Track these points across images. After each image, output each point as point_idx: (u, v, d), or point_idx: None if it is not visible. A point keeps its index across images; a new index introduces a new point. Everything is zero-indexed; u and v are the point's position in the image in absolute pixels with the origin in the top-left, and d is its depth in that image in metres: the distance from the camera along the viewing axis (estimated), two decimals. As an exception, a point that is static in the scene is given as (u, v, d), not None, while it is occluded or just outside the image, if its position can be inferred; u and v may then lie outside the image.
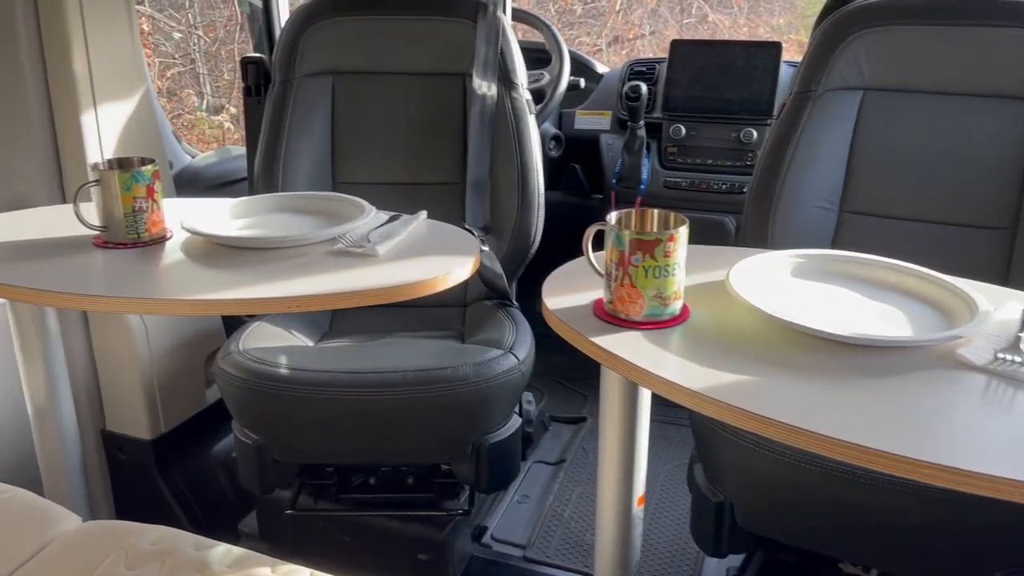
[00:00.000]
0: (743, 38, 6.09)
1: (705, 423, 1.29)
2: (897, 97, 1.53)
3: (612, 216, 0.96)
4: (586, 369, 2.51)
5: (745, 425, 0.79)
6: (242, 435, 1.50)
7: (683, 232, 0.93)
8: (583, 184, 2.37)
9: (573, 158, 2.35)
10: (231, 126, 5.89)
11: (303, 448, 1.51)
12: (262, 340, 1.55)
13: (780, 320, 0.92)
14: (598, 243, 1.01)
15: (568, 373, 2.48)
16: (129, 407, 1.75)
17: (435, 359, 1.46)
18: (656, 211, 0.99)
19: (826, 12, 1.66)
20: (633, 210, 0.99)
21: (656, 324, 0.95)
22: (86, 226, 1.23)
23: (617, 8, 7.26)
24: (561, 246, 1.96)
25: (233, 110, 6.01)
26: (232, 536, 1.81)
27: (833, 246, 1.55)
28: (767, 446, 1.20)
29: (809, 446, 0.76)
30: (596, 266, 1.01)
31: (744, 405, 0.78)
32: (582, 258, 1.14)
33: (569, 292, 1.05)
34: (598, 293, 1.03)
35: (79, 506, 1.46)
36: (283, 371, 1.42)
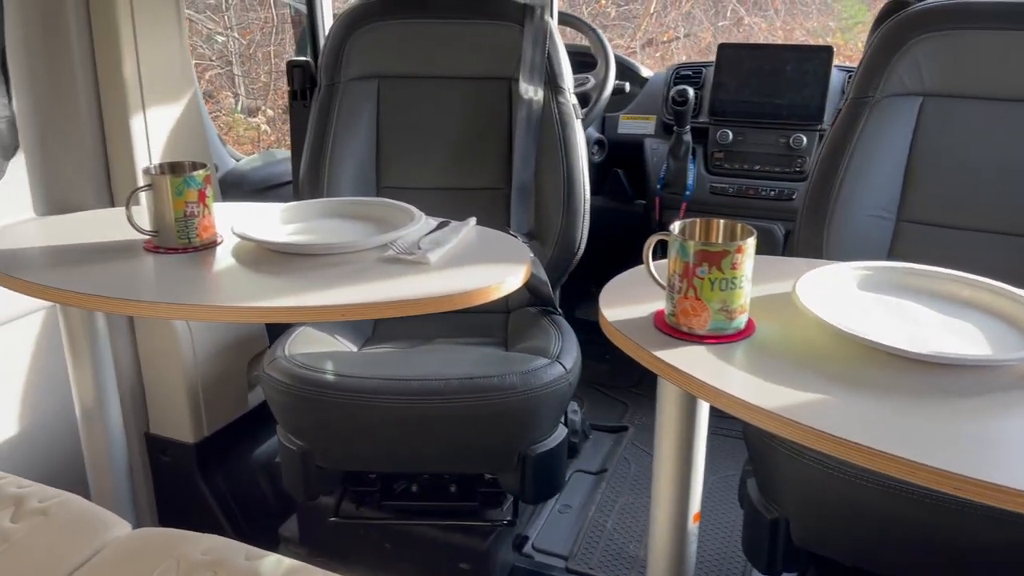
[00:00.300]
0: (795, 42, 6.00)
1: (761, 437, 1.26)
2: (959, 104, 1.48)
3: (676, 226, 0.93)
4: (627, 378, 2.51)
5: (823, 448, 0.76)
6: (287, 441, 1.49)
7: (751, 243, 0.90)
8: (626, 189, 2.34)
9: (616, 163, 2.33)
10: (267, 128, 5.93)
11: (348, 455, 1.50)
12: (307, 345, 1.54)
13: (853, 336, 0.88)
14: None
15: (608, 381, 2.45)
16: (173, 410, 1.75)
17: (481, 367, 1.44)
18: (722, 221, 0.96)
19: (885, 16, 1.61)
20: (697, 220, 0.96)
21: (720, 338, 0.92)
22: (137, 230, 1.22)
23: (651, 11, 7.22)
24: (603, 252, 1.94)
25: (270, 112, 6.06)
26: (272, 541, 1.80)
27: (890, 257, 1.50)
28: (827, 463, 1.17)
29: (890, 470, 0.73)
30: (657, 277, 0.99)
31: (822, 427, 0.75)
32: (640, 267, 1.12)
33: (627, 303, 1.02)
34: (658, 304, 1.00)
35: (125, 509, 1.46)
36: (329, 377, 1.41)
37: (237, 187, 1.98)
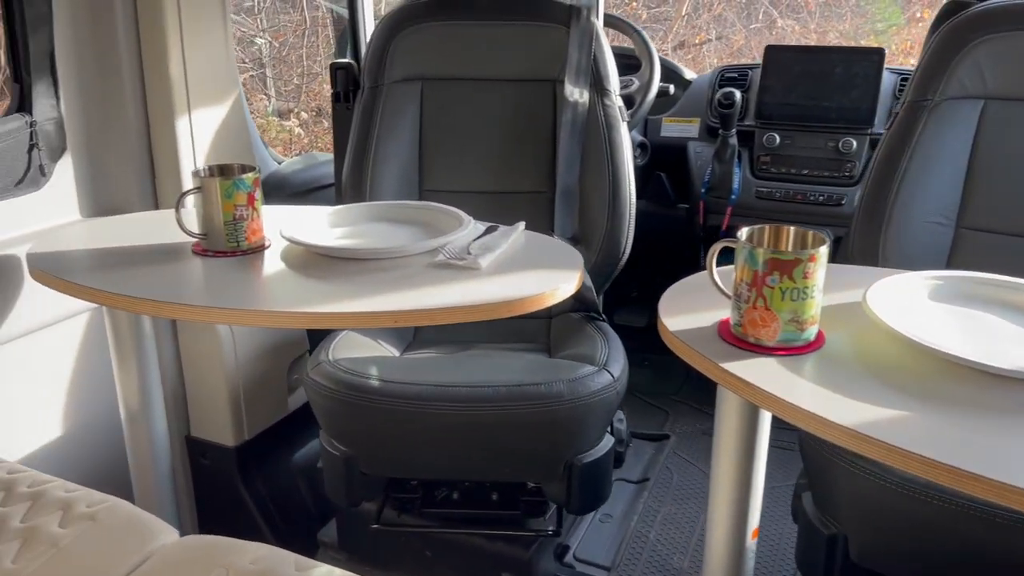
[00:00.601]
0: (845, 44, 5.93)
1: (819, 450, 1.22)
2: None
3: (743, 232, 0.90)
4: (667, 385, 2.47)
5: (906, 467, 0.72)
6: (330, 446, 1.47)
7: (823, 252, 0.86)
8: (669, 193, 2.30)
9: (659, 166, 2.29)
10: (301, 131, 5.95)
11: (392, 461, 1.48)
12: (351, 350, 1.52)
13: (931, 349, 0.85)
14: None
15: (649, 388, 2.42)
16: (214, 413, 1.74)
17: (527, 374, 1.41)
18: (792, 228, 0.92)
19: (944, 17, 1.57)
20: (766, 226, 0.92)
21: (790, 350, 0.89)
22: (186, 233, 1.21)
23: (683, 13, 7.17)
24: (645, 257, 1.91)
25: (304, 115, 6.08)
26: (311, 545, 1.79)
27: (949, 264, 1.46)
28: (890, 478, 1.13)
29: (979, 492, 0.69)
30: (721, 286, 0.95)
31: (906, 445, 0.72)
32: (699, 274, 1.09)
33: (688, 311, 0.99)
34: (720, 313, 0.97)
35: (168, 513, 1.45)
36: (374, 383, 1.39)
37: (279, 190, 1.97)
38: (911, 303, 1.00)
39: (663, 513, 1.90)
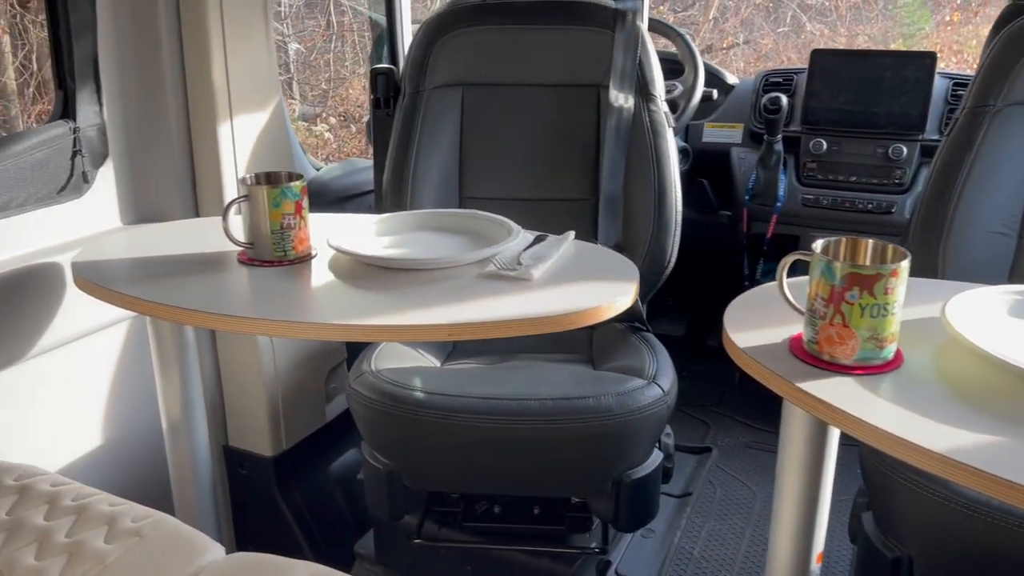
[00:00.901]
0: (892, 49, 5.87)
1: (882, 469, 1.17)
2: None
3: (818, 244, 0.86)
4: (707, 396, 2.43)
5: (1004, 497, 0.68)
6: (372, 459, 1.44)
7: (905, 266, 0.82)
8: (711, 200, 2.26)
9: (700, 172, 2.25)
10: (330, 136, 5.96)
11: (436, 475, 1.45)
12: (393, 360, 1.49)
13: (1022, 370, 0.80)
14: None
15: (688, 400, 2.37)
16: (253, 422, 1.72)
17: (574, 387, 1.38)
18: (870, 241, 0.88)
19: (1005, 19, 1.51)
20: (842, 239, 0.88)
21: (868, 369, 0.84)
22: (233, 242, 1.19)
23: (710, 17, 7.12)
24: (687, 265, 1.86)
25: (333, 120, 6.08)
26: (347, 557, 1.76)
27: (1011, 277, 1.40)
28: (959, 501, 1.08)
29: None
30: (792, 300, 0.91)
31: (1002, 473, 0.67)
32: (764, 286, 1.05)
33: (755, 327, 0.95)
34: (789, 329, 0.93)
35: (209, 526, 1.43)
36: (419, 394, 1.36)
37: (318, 197, 1.95)
38: (991, 319, 0.95)
39: (707, 529, 1.86)
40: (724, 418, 2.30)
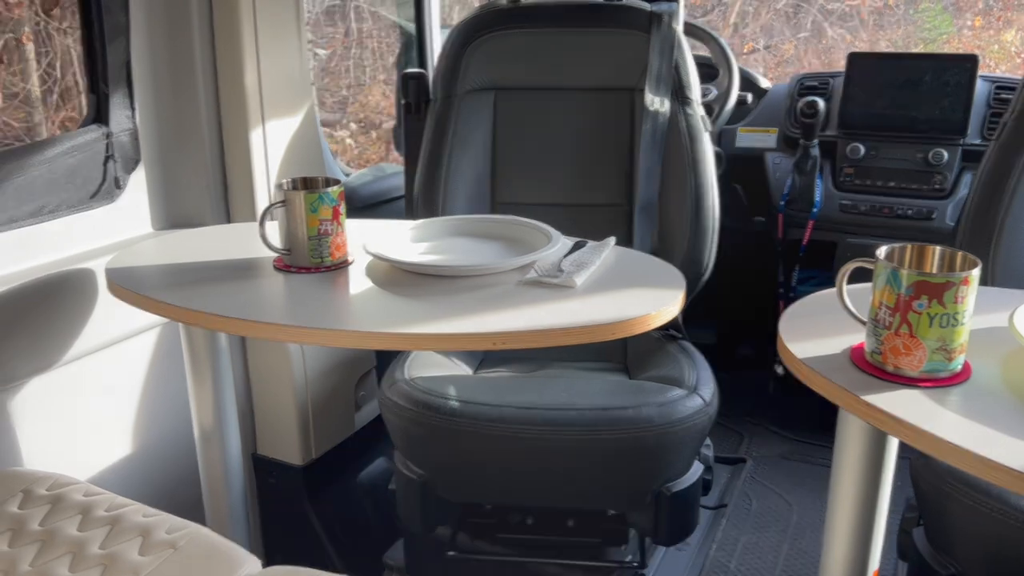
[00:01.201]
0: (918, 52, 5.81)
1: (936, 483, 1.13)
2: None
3: (882, 251, 0.83)
4: (740, 405, 2.38)
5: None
6: (405, 468, 1.41)
7: (976, 275, 0.79)
8: (744, 205, 2.22)
9: (734, 177, 2.21)
10: (351, 142, 5.96)
11: (470, 485, 1.42)
12: (426, 368, 1.47)
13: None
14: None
15: (721, 409, 2.32)
16: (283, 431, 1.70)
17: (614, 397, 1.34)
18: (937, 248, 0.85)
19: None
20: (908, 245, 0.85)
21: (936, 381, 0.81)
22: (270, 248, 1.17)
23: (730, 22, 7.06)
24: (720, 271, 1.83)
25: (353, 126, 6.08)
26: (376, 567, 1.74)
27: (1064, 284, 1.36)
28: (1014, 513, 1.04)
29: None
30: (853, 309, 0.88)
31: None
32: (822, 293, 1.02)
33: (812, 336, 0.92)
34: (848, 338, 0.90)
35: (241, 535, 1.41)
36: (454, 403, 1.33)
37: (348, 202, 1.91)
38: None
39: (743, 541, 1.82)
40: (758, 428, 2.26)
